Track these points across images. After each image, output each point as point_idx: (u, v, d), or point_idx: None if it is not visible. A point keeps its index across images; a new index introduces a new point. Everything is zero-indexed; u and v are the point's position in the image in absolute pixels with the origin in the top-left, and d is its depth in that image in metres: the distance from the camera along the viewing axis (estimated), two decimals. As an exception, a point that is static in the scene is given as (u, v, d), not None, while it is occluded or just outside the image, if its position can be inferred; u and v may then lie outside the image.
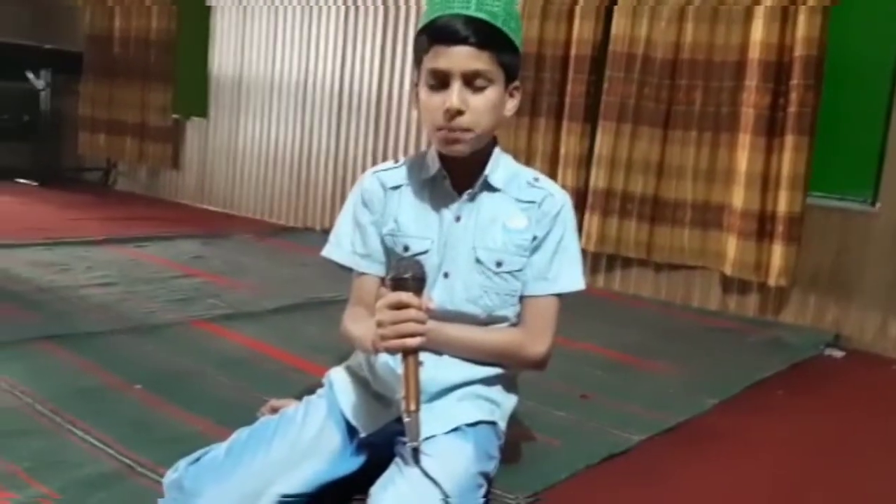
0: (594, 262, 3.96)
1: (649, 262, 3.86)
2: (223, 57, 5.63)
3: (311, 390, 1.64)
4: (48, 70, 6.29)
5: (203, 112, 5.74)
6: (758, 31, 3.46)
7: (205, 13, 5.65)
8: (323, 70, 5.11)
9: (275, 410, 1.69)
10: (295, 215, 5.24)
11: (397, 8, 4.72)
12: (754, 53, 3.48)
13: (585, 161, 3.94)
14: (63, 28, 6.45)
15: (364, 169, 4.78)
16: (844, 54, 3.37)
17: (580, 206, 3.87)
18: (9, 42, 5.86)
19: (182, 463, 1.38)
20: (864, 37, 3.38)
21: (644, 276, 3.91)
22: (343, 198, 5.08)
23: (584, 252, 1.62)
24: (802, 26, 3.33)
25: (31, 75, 6.25)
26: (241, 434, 1.44)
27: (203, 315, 2.87)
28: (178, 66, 5.75)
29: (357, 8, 4.89)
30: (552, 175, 3.96)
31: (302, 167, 5.24)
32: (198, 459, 1.38)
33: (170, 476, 1.35)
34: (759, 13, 3.45)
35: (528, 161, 3.95)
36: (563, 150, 3.97)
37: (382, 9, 4.78)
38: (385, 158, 4.76)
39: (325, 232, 1.67)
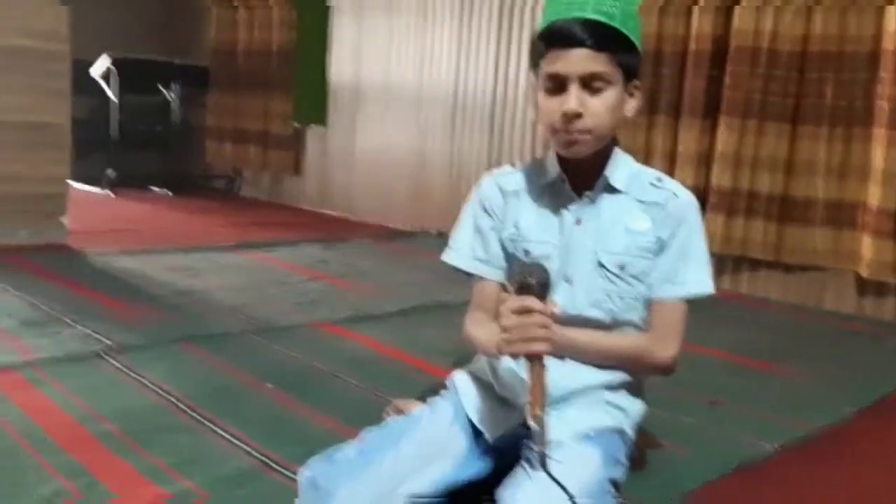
0: (719, 263, 3.83)
1: (778, 264, 3.71)
2: (341, 65, 5.77)
3: (433, 391, 1.67)
4: (178, 83, 6.65)
5: (322, 120, 5.91)
6: (892, 21, 3.27)
7: (324, 24, 5.81)
8: (438, 75, 5.16)
9: (399, 411, 1.72)
10: (411, 219, 5.32)
11: (511, 13, 4.72)
12: (889, 44, 3.29)
13: (706, 158, 3.82)
14: (191, 43, 6.79)
15: (479, 173, 4.80)
16: None
17: (701, 205, 3.75)
18: (142, 58, 6.23)
19: (314, 461, 1.42)
20: None
21: (773, 277, 3.76)
22: (458, 201, 5.13)
23: (709, 253, 1.57)
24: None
25: (162, 89, 6.62)
26: (369, 433, 1.47)
27: (328, 317, 2.96)
28: (298, 75, 5.94)
29: (472, 13, 4.92)
30: (671, 174, 3.86)
31: (417, 172, 5.32)
32: (329, 458, 1.42)
33: (304, 474, 1.40)
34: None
35: (646, 160, 3.87)
36: (681, 148, 3.87)
37: (497, 13, 4.79)
38: (500, 162, 4.76)
39: (441, 235, 1.68)
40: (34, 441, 1.76)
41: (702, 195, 3.78)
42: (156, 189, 6.38)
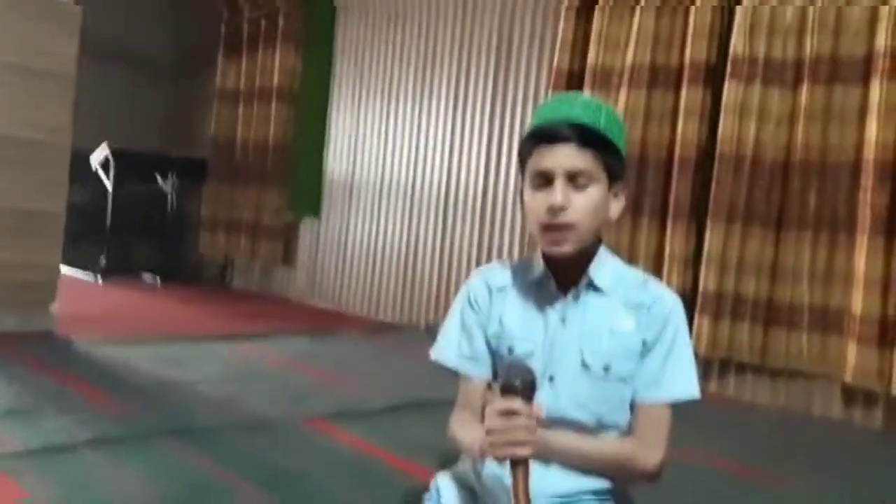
0: (706, 366, 3.83)
1: (765, 368, 3.71)
2: (336, 159, 5.89)
3: (417, 496, 1.63)
4: (175, 174, 6.76)
5: (316, 211, 5.98)
6: (872, 130, 3.37)
7: (322, 119, 5.95)
8: (430, 170, 5.27)
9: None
10: (400, 312, 5.32)
11: (503, 108, 4.86)
12: (870, 153, 3.38)
13: (692, 261, 3.87)
14: (191, 135, 6.93)
15: (468, 266, 4.86)
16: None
17: (688, 307, 3.78)
18: (140, 150, 6.36)
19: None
20: None
21: (760, 382, 3.75)
22: (447, 294, 5.20)
23: (694, 356, 1.57)
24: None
25: (159, 179, 6.72)
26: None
27: (314, 413, 2.92)
28: (296, 168, 6.05)
29: (464, 110, 5.06)
30: (657, 275, 3.91)
31: (408, 265, 5.36)
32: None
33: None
34: (873, 112, 3.37)
35: (631, 260, 3.92)
36: (667, 250, 3.93)
37: (489, 110, 4.93)
38: (490, 256, 4.81)
39: (429, 329, 1.68)
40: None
41: (688, 297, 3.80)
42: (147, 277, 6.38)
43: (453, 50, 5.16)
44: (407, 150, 5.43)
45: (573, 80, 4.32)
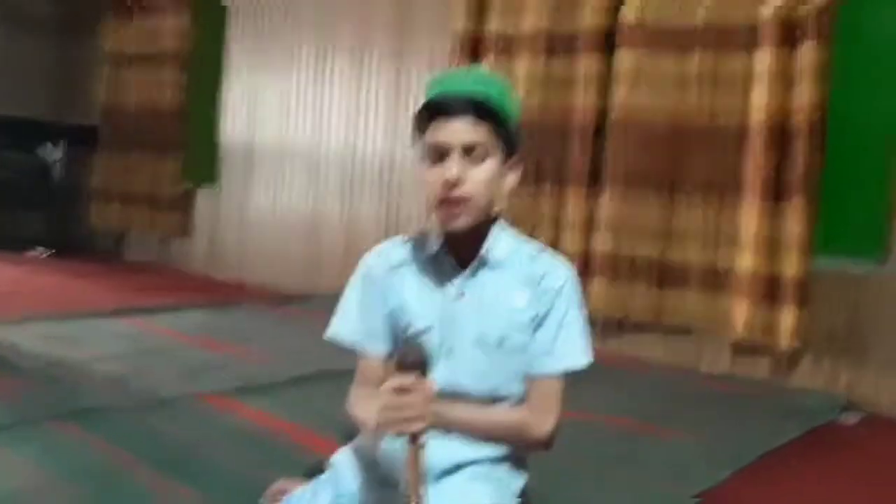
0: (603, 326, 3.94)
1: (658, 326, 3.85)
2: (234, 125, 5.73)
3: (320, 469, 1.63)
4: (64, 142, 6.43)
5: (214, 180, 5.82)
6: (758, 96, 3.51)
7: (216, 83, 5.77)
8: (333, 136, 5.20)
9: (282, 492, 1.68)
10: (305, 282, 5.27)
11: (408, 73, 4.82)
12: (756, 119, 3.52)
13: (590, 226, 3.97)
14: (81, 101, 6.60)
15: (373, 235, 4.84)
16: (846, 117, 3.41)
17: (586, 270, 3.88)
18: (26, 117, 6.02)
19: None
20: (865, 97, 3.43)
21: (653, 340, 3.90)
22: (353, 264, 5.13)
23: (591, 316, 1.60)
24: (805, 91, 3.37)
25: (46, 148, 6.39)
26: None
27: (215, 388, 2.87)
28: (190, 134, 5.86)
29: (368, 74, 5.00)
30: (557, 239, 4.00)
31: (312, 233, 5.29)
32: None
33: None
34: (760, 79, 3.50)
35: (534, 226, 3.99)
36: (567, 215, 4.01)
37: (393, 75, 4.88)
38: (396, 224, 4.80)
39: (335, 298, 1.68)
40: None
41: (587, 260, 3.90)
42: (35, 250, 6.09)
43: (354, 13, 5.07)
44: (309, 115, 5.33)
45: (474, 46, 4.31)
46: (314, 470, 1.65)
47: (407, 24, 4.83)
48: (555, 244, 4.04)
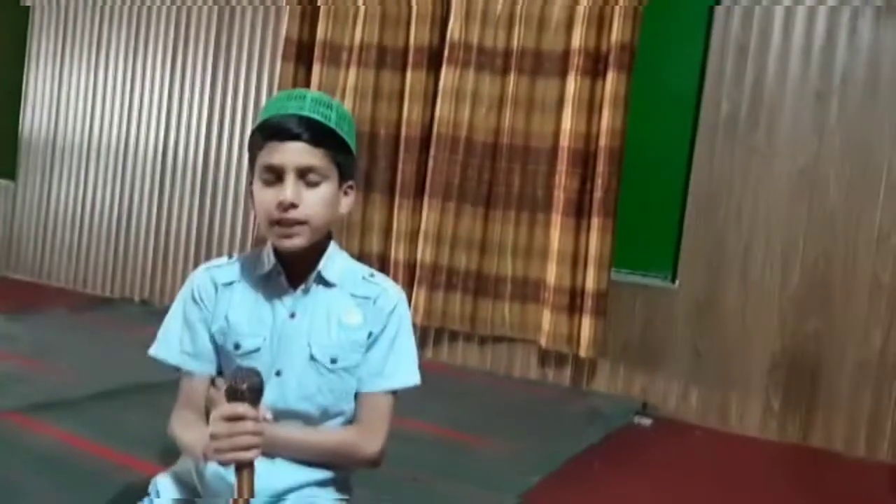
0: (423, 334, 4.05)
1: (474, 335, 4.01)
2: (35, 117, 5.34)
3: (137, 495, 1.58)
4: None
5: (12, 175, 5.40)
6: (567, 120, 3.75)
7: (17, 74, 5.37)
8: (144, 132, 4.98)
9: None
10: (112, 285, 4.99)
11: (226, 72, 4.70)
12: (564, 141, 3.75)
13: (416, 236, 4.06)
14: None
15: (189, 236, 4.68)
16: (642, 144, 3.72)
17: (411, 280, 3.98)
18: None
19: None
20: (659, 127, 3.77)
21: (470, 348, 4.05)
22: (165, 266, 4.96)
23: (413, 325, 1.67)
24: (606, 118, 3.64)
25: None
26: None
27: (11, 405, 2.66)
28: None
29: (182, 71, 4.83)
30: (386, 249, 4.07)
31: (120, 233, 5.03)
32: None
33: None
34: (568, 103, 3.74)
35: (364, 235, 4.05)
36: (395, 226, 4.08)
37: (210, 73, 4.74)
38: (211, 226, 4.67)
39: (145, 303, 1.63)
40: None
41: (413, 271, 4.00)
42: None
43: (168, 5, 4.88)
44: (117, 109, 5.07)
45: (303, 52, 4.28)
46: (135, 496, 1.60)
47: (227, 21, 4.71)
48: (384, 254, 4.11)
